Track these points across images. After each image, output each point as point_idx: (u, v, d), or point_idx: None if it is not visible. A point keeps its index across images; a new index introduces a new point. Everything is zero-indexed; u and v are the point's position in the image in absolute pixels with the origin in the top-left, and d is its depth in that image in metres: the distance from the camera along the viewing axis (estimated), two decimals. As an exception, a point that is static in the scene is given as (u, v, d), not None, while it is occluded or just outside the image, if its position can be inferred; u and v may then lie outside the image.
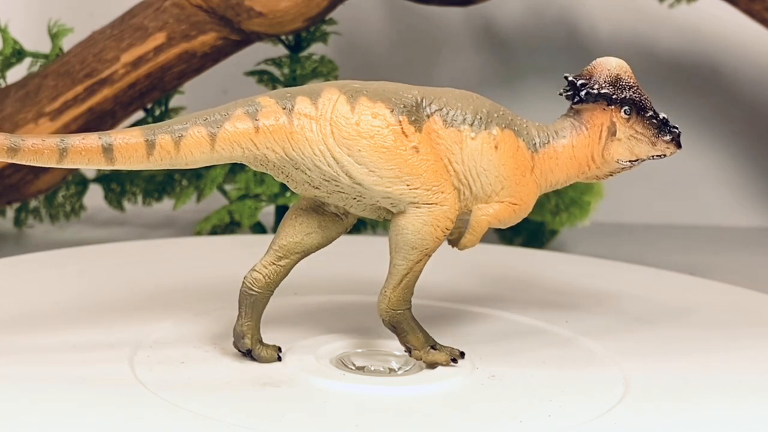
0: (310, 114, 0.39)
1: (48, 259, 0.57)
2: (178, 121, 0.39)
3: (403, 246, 0.41)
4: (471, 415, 0.38)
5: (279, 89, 0.41)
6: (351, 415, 0.38)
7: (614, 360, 0.45)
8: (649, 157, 0.43)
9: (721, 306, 0.54)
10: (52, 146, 0.37)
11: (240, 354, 0.43)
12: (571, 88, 0.43)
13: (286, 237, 0.42)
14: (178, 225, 0.84)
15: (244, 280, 0.42)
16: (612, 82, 0.43)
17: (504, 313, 0.51)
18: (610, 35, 0.93)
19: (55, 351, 0.42)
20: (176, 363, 0.42)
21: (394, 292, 0.42)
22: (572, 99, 0.43)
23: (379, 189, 0.40)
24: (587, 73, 0.43)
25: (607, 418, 0.38)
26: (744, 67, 0.93)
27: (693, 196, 0.94)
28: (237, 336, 0.43)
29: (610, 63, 0.43)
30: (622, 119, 0.42)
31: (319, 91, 0.40)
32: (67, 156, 0.37)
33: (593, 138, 0.43)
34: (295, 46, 0.73)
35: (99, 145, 0.37)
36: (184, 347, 0.44)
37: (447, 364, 0.43)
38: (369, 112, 0.39)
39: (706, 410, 0.39)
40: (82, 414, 0.36)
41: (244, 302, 0.43)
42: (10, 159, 0.36)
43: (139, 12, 0.67)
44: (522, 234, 0.78)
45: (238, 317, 0.43)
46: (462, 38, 0.93)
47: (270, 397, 0.39)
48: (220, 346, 0.44)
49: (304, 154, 0.39)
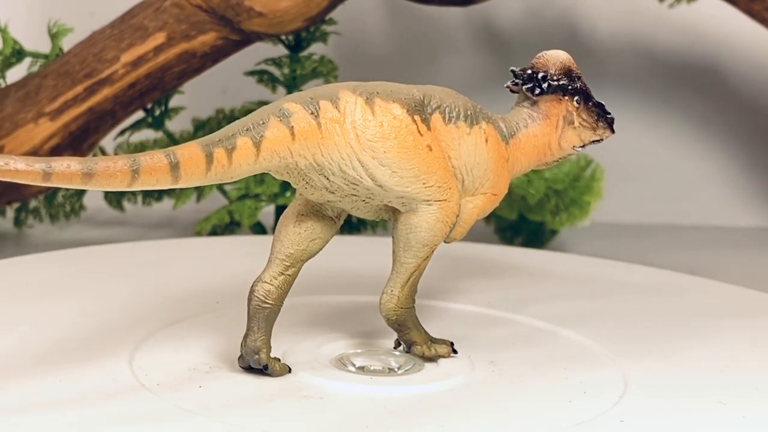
0: (335, 118, 0.39)
1: (48, 260, 0.57)
2: (222, 134, 0.37)
3: (415, 244, 0.41)
4: (470, 414, 0.38)
5: (296, 93, 0.40)
6: (351, 414, 0.38)
7: (614, 359, 0.45)
8: (590, 142, 0.45)
9: (721, 306, 0.54)
10: (125, 168, 0.35)
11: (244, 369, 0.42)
12: (530, 81, 0.44)
13: (293, 245, 0.41)
14: (178, 225, 0.84)
15: (254, 294, 0.41)
16: (565, 73, 0.44)
17: (504, 313, 0.51)
18: (610, 35, 0.93)
19: (55, 351, 0.42)
20: (176, 363, 0.42)
21: (402, 291, 0.42)
22: (533, 91, 0.44)
23: (398, 189, 0.40)
24: (541, 66, 0.44)
25: (607, 417, 0.38)
26: (744, 67, 0.93)
27: (693, 196, 0.94)
28: (250, 352, 0.41)
29: (561, 55, 0.44)
30: (575, 108, 0.44)
31: (336, 94, 0.39)
32: (139, 178, 0.35)
33: (551, 127, 0.44)
34: (295, 46, 0.73)
35: (166, 164, 0.36)
36: (184, 347, 0.44)
37: (448, 355, 0.44)
38: (389, 113, 0.40)
39: (705, 410, 0.39)
40: (81, 414, 0.36)
41: (257, 316, 0.41)
42: (84, 185, 0.34)
43: (139, 12, 0.67)
44: (522, 234, 0.78)
45: (249, 333, 0.41)
46: (462, 38, 0.93)
47: (270, 397, 0.39)
48: (220, 347, 0.44)
49: (332, 159, 0.39)
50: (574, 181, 0.75)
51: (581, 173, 0.75)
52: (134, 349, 0.43)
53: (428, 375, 0.42)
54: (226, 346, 0.44)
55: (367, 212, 0.41)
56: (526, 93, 0.44)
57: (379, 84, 0.41)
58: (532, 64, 0.44)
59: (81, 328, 0.45)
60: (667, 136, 0.94)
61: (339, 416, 0.38)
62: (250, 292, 0.41)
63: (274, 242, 0.42)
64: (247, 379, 0.41)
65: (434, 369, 0.43)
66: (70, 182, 0.34)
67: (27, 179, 0.33)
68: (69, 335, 0.44)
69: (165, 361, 0.42)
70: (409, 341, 0.43)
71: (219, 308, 0.49)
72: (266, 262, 0.41)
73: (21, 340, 0.43)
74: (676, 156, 0.94)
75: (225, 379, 0.41)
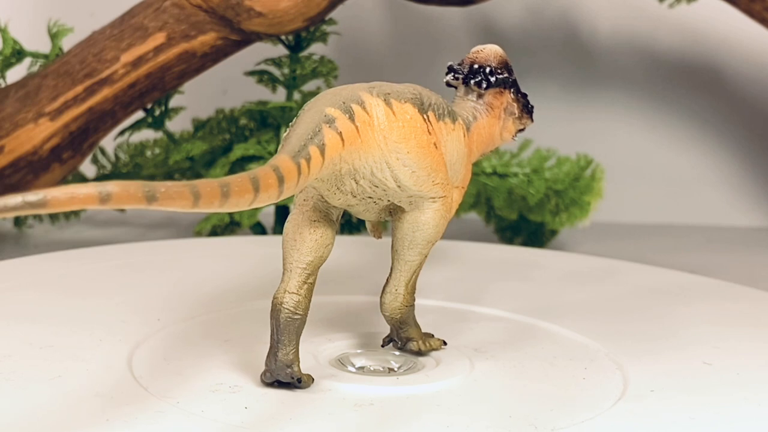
0: (367, 121, 0.39)
1: (48, 260, 0.57)
2: (296, 144, 0.36)
3: (421, 241, 0.41)
4: (470, 414, 0.38)
5: (327, 97, 0.39)
6: (351, 414, 0.38)
7: (613, 359, 0.45)
8: (518, 131, 0.46)
9: (721, 305, 0.54)
10: (250, 188, 0.33)
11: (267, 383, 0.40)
12: (475, 75, 0.44)
13: (311, 253, 0.40)
14: (178, 225, 0.84)
15: (283, 306, 0.40)
16: (504, 66, 0.45)
17: (503, 313, 0.51)
18: (610, 35, 0.93)
19: (55, 351, 0.42)
20: (175, 363, 0.42)
21: (406, 289, 0.43)
22: (481, 85, 0.44)
23: (415, 188, 0.40)
24: (483, 60, 0.44)
25: (607, 417, 0.38)
26: (744, 67, 0.93)
27: (693, 196, 0.94)
28: (282, 366, 0.39)
29: (498, 49, 0.45)
30: (514, 99, 0.45)
31: (359, 96, 0.39)
32: (259, 195, 0.33)
33: (495, 118, 0.45)
34: (295, 46, 0.73)
35: (276, 179, 0.34)
36: (184, 348, 0.44)
37: (440, 348, 0.45)
38: (406, 113, 0.40)
39: (705, 409, 0.39)
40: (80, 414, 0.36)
41: (288, 329, 0.40)
42: (221, 207, 0.32)
43: (139, 12, 0.67)
44: (522, 234, 0.78)
45: (281, 346, 0.40)
46: (462, 38, 0.93)
47: (269, 397, 0.39)
48: (219, 347, 0.44)
49: (366, 163, 0.39)
50: (574, 181, 0.75)
51: (581, 173, 0.75)
52: (134, 349, 0.43)
53: (428, 375, 0.42)
54: (227, 345, 0.44)
55: (372, 213, 0.41)
56: (471, 87, 0.44)
57: (382, 84, 0.41)
58: (472, 59, 0.44)
59: (81, 328, 0.45)
60: (667, 136, 0.94)
61: (339, 416, 0.38)
62: (277, 305, 0.40)
63: (288, 252, 0.40)
64: (246, 379, 0.41)
65: (434, 369, 0.43)
66: (211, 205, 0.32)
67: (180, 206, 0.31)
68: (69, 335, 0.44)
69: (165, 361, 0.42)
70: (407, 338, 0.44)
71: (219, 308, 0.49)
72: (284, 273, 0.40)
73: (21, 340, 0.43)
74: (676, 156, 0.94)
75: (224, 379, 0.41)
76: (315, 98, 0.39)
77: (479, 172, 0.74)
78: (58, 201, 0.28)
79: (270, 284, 0.54)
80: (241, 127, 0.76)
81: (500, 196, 0.73)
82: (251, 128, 0.76)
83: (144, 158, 0.78)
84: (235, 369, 0.42)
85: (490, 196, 0.73)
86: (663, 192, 0.95)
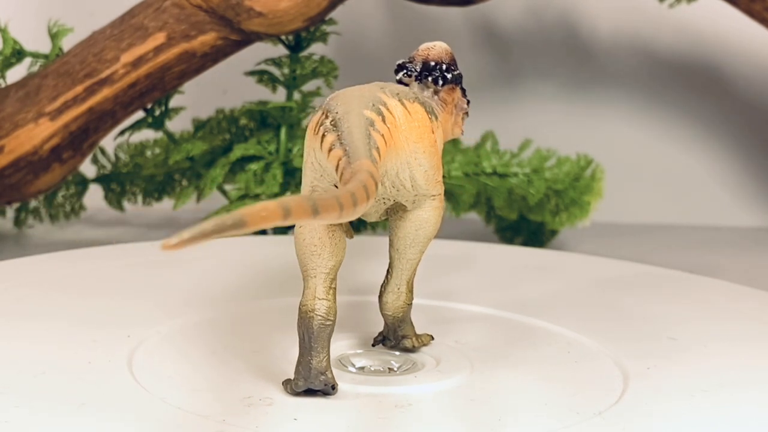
0: (393, 123, 0.39)
1: (48, 260, 0.57)
2: (364, 148, 0.36)
3: (423, 239, 0.42)
4: (470, 413, 0.38)
5: (356, 99, 0.39)
6: (351, 414, 0.38)
7: (613, 359, 0.45)
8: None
9: (721, 305, 0.54)
10: (348, 199, 0.32)
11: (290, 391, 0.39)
12: (430, 72, 0.43)
13: (332, 257, 0.40)
14: (178, 225, 0.84)
15: (316, 313, 0.39)
16: (454, 63, 0.44)
17: (503, 313, 0.51)
18: (610, 35, 0.93)
19: (55, 351, 0.42)
20: (175, 364, 0.42)
21: (407, 287, 0.43)
22: (437, 82, 0.44)
23: (425, 187, 0.40)
24: (436, 57, 0.44)
25: (606, 416, 0.38)
26: (744, 67, 0.93)
27: (693, 196, 0.94)
28: (316, 374, 0.39)
29: (446, 46, 0.44)
30: (462, 96, 0.45)
31: (380, 97, 0.39)
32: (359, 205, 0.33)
33: (449, 114, 0.45)
34: (295, 46, 0.73)
35: (374, 186, 0.34)
36: (184, 348, 0.44)
37: (429, 342, 0.45)
38: (418, 113, 0.40)
39: (705, 409, 0.39)
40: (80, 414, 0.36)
41: (321, 335, 0.39)
42: (312, 219, 0.32)
43: (139, 12, 0.67)
44: (522, 234, 0.78)
45: (314, 354, 0.39)
46: (462, 38, 0.93)
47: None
48: (219, 347, 0.44)
49: (394, 164, 0.39)
50: (574, 181, 0.75)
51: (581, 173, 0.75)
52: (134, 349, 0.43)
53: (428, 375, 0.42)
54: (226, 345, 0.44)
55: (375, 215, 0.41)
56: (428, 84, 0.43)
57: (386, 84, 0.41)
58: (424, 56, 0.44)
59: (81, 328, 0.45)
60: (667, 136, 0.94)
61: (338, 416, 0.38)
62: (307, 313, 0.39)
63: (309, 258, 0.39)
64: (246, 379, 0.41)
65: (434, 369, 0.43)
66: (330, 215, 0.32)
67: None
68: (68, 335, 0.44)
69: (164, 361, 0.42)
70: (403, 335, 0.44)
71: (219, 308, 0.49)
72: (307, 280, 0.40)
73: (21, 340, 0.43)
74: (676, 156, 0.94)
75: (223, 379, 0.41)
76: (342, 99, 0.38)
77: (479, 172, 0.74)
78: (255, 220, 0.28)
79: (270, 284, 0.54)
80: (241, 127, 0.76)
81: (500, 196, 0.73)
82: (251, 128, 0.76)
83: (144, 158, 0.78)
84: (234, 368, 0.42)
85: (490, 196, 0.73)
86: (663, 192, 0.95)
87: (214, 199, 0.77)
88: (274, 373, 0.41)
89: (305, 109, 0.73)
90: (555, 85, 0.94)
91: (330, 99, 0.39)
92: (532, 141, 0.77)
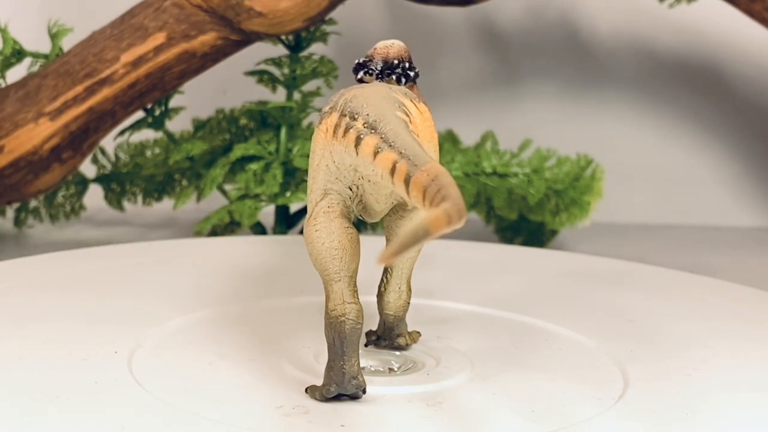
0: (414, 123, 0.39)
1: (48, 260, 0.57)
2: (419, 145, 0.36)
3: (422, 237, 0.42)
4: (470, 413, 0.38)
5: (382, 98, 0.39)
6: (351, 414, 0.38)
7: (613, 359, 0.45)
8: None
9: (721, 305, 0.54)
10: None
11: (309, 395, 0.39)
12: (393, 70, 0.43)
13: (354, 260, 0.39)
14: (178, 225, 0.84)
15: (347, 317, 0.38)
16: (412, 60, 0.44)
17: (503, 313, 0.51)
18: (610, 35, 0.93)
19: (55, 351, 0.42)
20: (175, 363, 0.42)
21: (407, 285, 0.43)
22: (401, 80, 0.43)
23: None
24: (397, 55, 0.43)
25: (606, 416, 0.38)
26: (744, 67, 0.93)
27: (693, 196, 0.94)
28: (349, 378, 0.38)
29: (402, 44, 0.44)
30: (418, 93, 0.44)
31: (396, 97, 0.39)
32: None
33: None
34: (295, 46, 0.73)
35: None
36: (183, 348, 0.44)
37: (418, 339, 0.45)
38: (427, 114, 0.40)
39: (705, 409, 0.39)
40: (80, 414, 0.36)
41: (353, 339, 0.38)
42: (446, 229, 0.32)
43: (139, 12, 0.67)
44: (522, 234, 0.78)
45: (346, 359, 0.38)
46: (462, 38, 0.93)
47: (269, 397, 0.39)
48: (219, 347, 0.44)
49: None
50: (574, 181, 0.75)
51: (581, 173, 0.75)
52: (134, 349, 0.43)
53: (428, 375, 0.42)
54: (226, 345, 0.44)
55: (383, 212, 0.41)
56: (389, 82, 0.43)
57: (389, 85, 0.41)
58: (384, 54, 0.43)
59: (81, 328, 0.45)
60: (667, 136, 0.94)
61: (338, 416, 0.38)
62: (338, 318, 0.38)
63: (330, 262, 0.39)
64: (245, 379, 0.41)
65: (434, 369, 0.43)
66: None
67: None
68: (68, 335, 0.44)
69: (164, 361, 0.42)
70: (398, 334, 0.44)
71: (219, 308, 0.49)
72: (331, 285, 0.39)
73: (21, 340, 0.43)
74: (676, 156, 0.95)
75: (223, 378, 0.41)
76: (364, 100, 0.38)
77: (479, 172, 0.74)
78: (438, 227, 0.31)
79: (270, 284, 0.54)
80: (241, 127, 0.76)
81: (500, 196, 0.73)
82: (251, 128, 0.76)
83: (144, 158, 0.78)
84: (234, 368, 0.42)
85: (490, 196, 0.73)
86: (663, 192, 0.95)
87: (214, 199, 0.77)
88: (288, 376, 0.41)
89: (305, 109, 0.73)
90: (555, 85, 0.94)
91: (345, 101, 0.38)
92: (532, 141, 0.77)
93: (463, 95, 0.94)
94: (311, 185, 0.39)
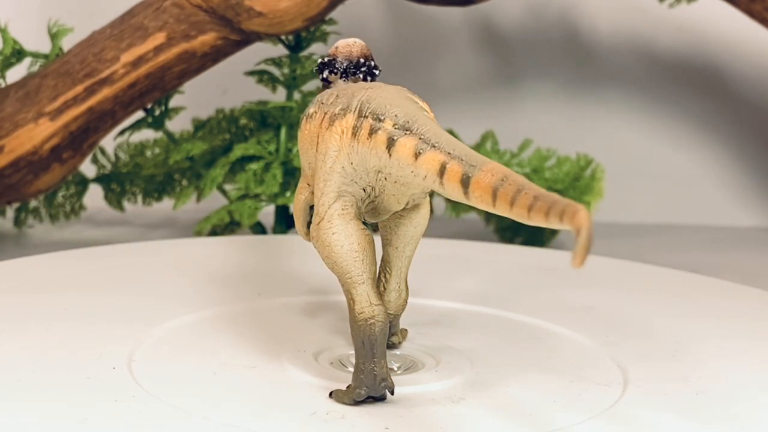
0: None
1: (48, 260, 0.57)
2: (462, 144, 0.36)
3: (420, 236, 0.42)
4: (470, 413, 0.38)
5: (403, 98, 0.38)
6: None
7: (613, 359, 0.45)
8: None
9: (721, 305, 0.54)
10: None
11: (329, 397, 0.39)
12: (359, 69, 0.42)
13: (373, 262, 0.39)
14: (178, 225, 0.84)
15: (376, 320, 0.38)
16: (374, 58, 0.43)
17: (503, 312, 0.51)
18: (610, 35, 0.93)
19: (54, 351, 0.42)
20: (174, 363, 0.42)
21: (405, 284, 0.43)
22: (367, 78, 0.42)
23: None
24: (361, 54, 0.43)
25: (606, 416, 0.38)
26: (744, 67, 0.93)
27: (693, 196, 0.94)
28: (379, 379, 0.38)
29: (363, 42, 0.43)
30: None
31: (411, 97, 0.39)
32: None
33: None
34: (295, 46, 0.73)
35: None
36: (183, 348, 0.44)
37: (406, 336, 0.46)
38: (431, 114, 0.40)
39: (705, 409, 0.39)
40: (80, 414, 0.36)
41: (382, 341, 0.38)
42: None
43: (139, 12, 0.67)
44: (522, 234, 0.78)
45: (376, 361, 0.38)
46: (462, 38, 0.93)
47: (270, 397, 0.39)
48: (219, 347, 0.44)
49: None
50: (574, 181, 0.75)
51: (581, 173, 0.75)
52: (134, 349, 0.43)
53: (428, 375, 0.42)
54: (227, 345, 0.44)
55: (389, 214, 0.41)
56: (355, 80, 0.42)
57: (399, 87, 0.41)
58: (346, 53, 0.43)
59: (81, 328, 0.45)
60: (667, 135, 0.94)
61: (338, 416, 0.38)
62: (367, 320, 0.38)
63: (352, 264, 0.38)
64: (245, 379, 0.41)
65: (434, 368, 0.43)
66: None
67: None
68: (68, 335, 0.44)
69: (164, 361, 0.42)
70: (392, 333, 0.45)
71: (218, 308, 0.49)
72: (356, 287, 0.38)
73: (21, 340, 0.43)
74: (676, 156, 0.95)
75: (222, 378, 0.41)
76: (387, 100, 0.38)
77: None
78: (586, 217, 0.34)
79: (270, 284, 0.54)
80: (241, 127, 0.76)
81: (500, 196, 0.72)
82: (251, 128, 0.76)
83: (144, 158, 0.78)
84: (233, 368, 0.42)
85: (490, 196, 0.73)
86: (663, 192, 0.95)
87: (214, 199, 0.77)
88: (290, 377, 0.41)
89: (305, 109, 0.73)
90: (555, 85, 0.94)
91: (361, 102, 0.38)
92: (532, 141, 0.77)
93: (463, 95, 0.94)
94: (322, 188, 0.38)
